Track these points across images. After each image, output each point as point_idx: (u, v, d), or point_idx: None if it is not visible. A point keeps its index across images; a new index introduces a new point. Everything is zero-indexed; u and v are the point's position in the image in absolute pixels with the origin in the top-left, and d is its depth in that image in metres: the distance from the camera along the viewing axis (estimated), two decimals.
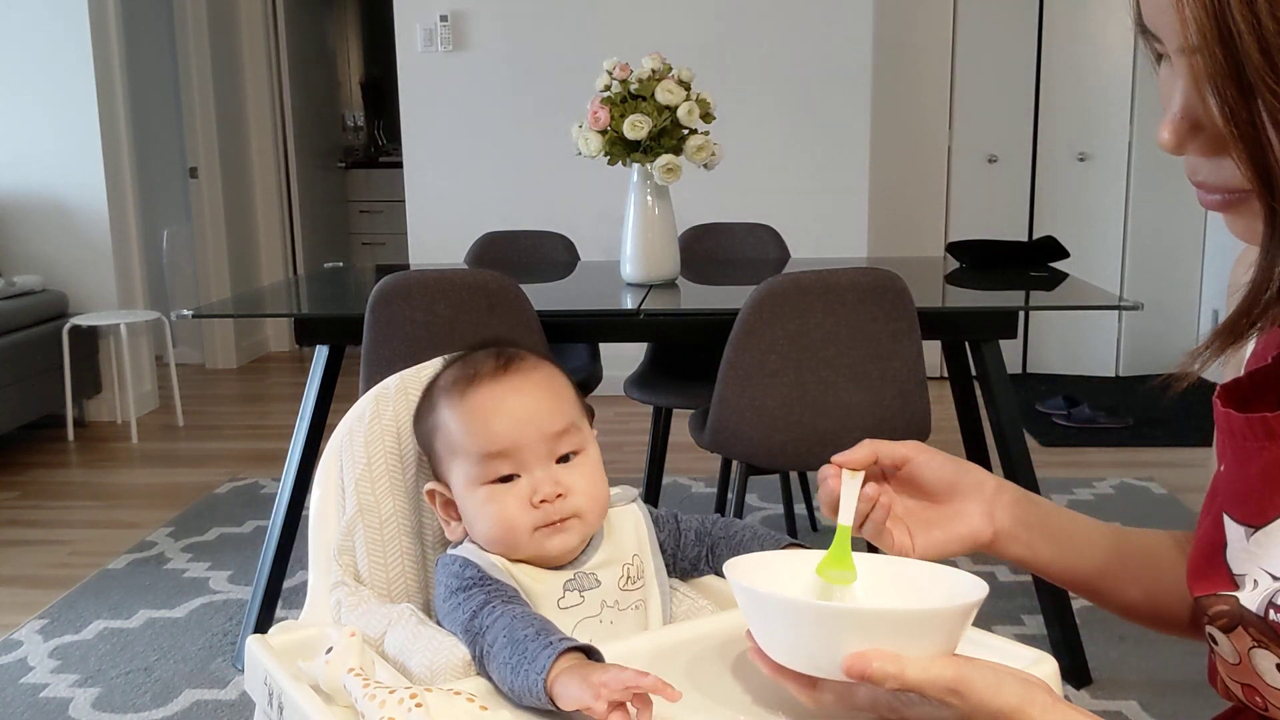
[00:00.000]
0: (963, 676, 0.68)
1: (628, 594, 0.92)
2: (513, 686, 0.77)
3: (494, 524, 0.90)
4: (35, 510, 3.67)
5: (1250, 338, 0.65)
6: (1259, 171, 0.60)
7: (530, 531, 0.89)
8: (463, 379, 0.93)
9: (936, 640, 0.70)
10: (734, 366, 2.20)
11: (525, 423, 0.90)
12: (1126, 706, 2.25)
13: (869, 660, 0.68)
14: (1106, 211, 5.09)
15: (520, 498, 0.89)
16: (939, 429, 2.40)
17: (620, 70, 2.59)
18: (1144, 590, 0.87)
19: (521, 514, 0.89)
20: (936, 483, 0.87)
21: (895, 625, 0.69)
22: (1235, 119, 0.59)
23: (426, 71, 4.80)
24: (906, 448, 0.88)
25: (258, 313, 4.77)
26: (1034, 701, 0.68)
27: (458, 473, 0.92)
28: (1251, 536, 0.70)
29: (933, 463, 0.87)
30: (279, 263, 6.29)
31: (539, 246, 3.41)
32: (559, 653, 0.75)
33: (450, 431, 0.93)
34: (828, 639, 0.69)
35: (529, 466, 0.90)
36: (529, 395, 0.92)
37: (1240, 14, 0.57)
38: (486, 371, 0.93)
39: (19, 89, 4.56)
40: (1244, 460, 0.70)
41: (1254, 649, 0.69)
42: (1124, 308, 2.34)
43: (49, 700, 2.37)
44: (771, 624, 0.73)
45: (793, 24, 4.69)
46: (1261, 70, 0.57)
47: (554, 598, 0.89)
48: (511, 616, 0.82)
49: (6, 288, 4.29)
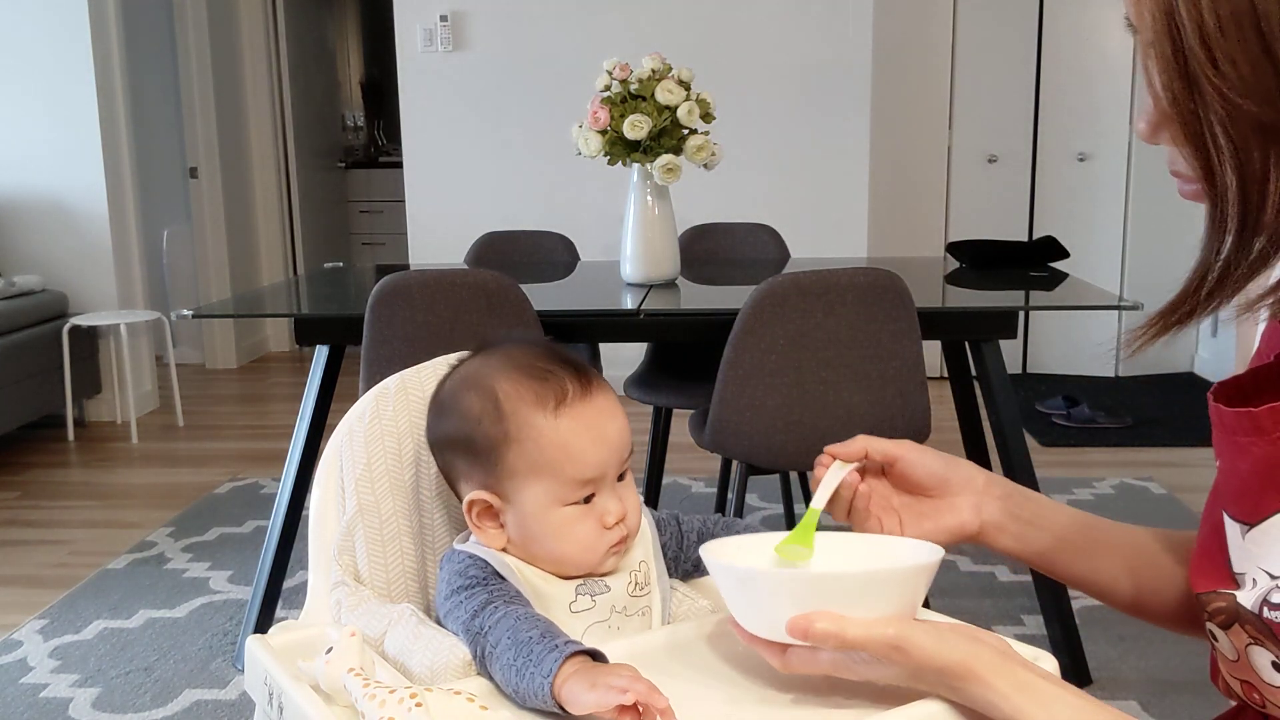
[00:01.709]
0: (903, 634, 0.70)
1: (635, 600, 0.92)
2: (517, 688, 0.77)
3: (572, 544, 0.89)
4: (35, 510, 3.67)
5: (1193, 324, 0.67)
6: (1202, 162, 0.63)
7: (604, 552, 0.89)
8: (550, 394, 0.89)
9: (884, 601, 0.72)
10: (734, 366, 2.20)
11: (616, 449, 0.90)
12: (1126, 706, 2.25)
13: (811, 621, 0.71)
14: (1106, 211, 5.09)
15: (596, 519, 0.89)
16: (939, 429, 2.40)
17: (620, 70, 2.59)
18: (1134, 582, 0.89)
19: (599, 536, 0.89)
20: (927, 478, 0.91)
21: (841, 587, 0.73)
22: (1180, 110, 0.62)
23: (426, 71, 4.80)
24: (898, 446, 0.91)
25: (258, 313, 4.77)
26: (979, 657, 0.69)
27: (537, 489, 0.89)
28: (1247, 534, 0.70)
29: (923, 459, 0.91)
30: (279, 263, 6.29)
31: (539, 246, 3.41)
32: (566, 656, 0.75)
33: (543, 448, 0.88)
34: (782, 604, 0.73)
35: (603, 488, 0.90)
36: (617, 419, 0.91)
37: (1186, 9, 0.60)
38: (575, 390, 0.90)
39: (19, 89, 4.56)
40: (1236, 456, 0.71)
41: (1251, 646, 0.69)
42: (1124, 308, 2.34)
43: (49, 700, 2.37)
44: (740, 594, 0.77)
45: (793, 24, 4.69)
46: (1203, 64, 0.60)
47: (566, 601, 0.89)
48: (515, 618, 0.81)
49: (6, 288, 4.29)
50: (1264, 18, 0.58)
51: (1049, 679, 0.69)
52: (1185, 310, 0.66)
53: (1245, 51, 0.59)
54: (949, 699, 0.71)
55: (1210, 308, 0.66)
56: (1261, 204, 0.62)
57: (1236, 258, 0.64)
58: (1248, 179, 0.62)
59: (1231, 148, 0.61)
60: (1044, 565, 0.92)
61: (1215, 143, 0.62)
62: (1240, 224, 0.63)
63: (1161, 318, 0.68)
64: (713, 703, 0.77)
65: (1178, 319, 0.67)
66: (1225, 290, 0.65)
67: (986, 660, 0.69)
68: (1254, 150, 0.61)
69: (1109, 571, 0.90)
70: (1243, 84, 0.59)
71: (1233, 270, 0.64)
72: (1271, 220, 0.62)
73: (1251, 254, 0.63)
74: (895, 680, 0.72)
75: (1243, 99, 0.60)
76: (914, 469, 0.91)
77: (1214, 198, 0.63)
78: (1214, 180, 0.63)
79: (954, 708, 0.71)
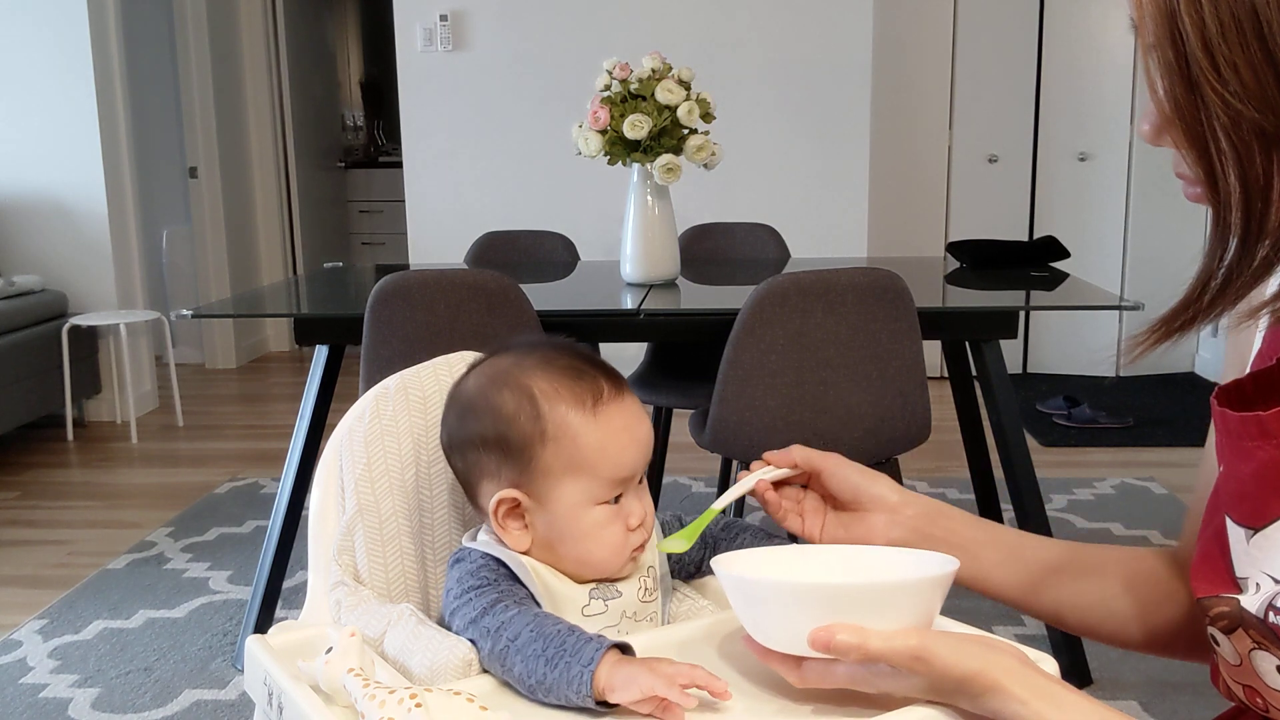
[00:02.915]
0: (925, 644, 0.70)
1: (645, 605, 0.92)
2: (544, 678, 0.77)
3: (599, 545, 0.89)
4: (35, 510, 3.67)
5: (1195, 331, 0.67)
6: (1205, 168, 0.63)
7: (628, 555, 0.90)
8: (587, 393, 0.89)
9: (903, 613, 0.72)
10: (734, 366, 2.20)
11: (645, 451, 0.92)
12: (1127, 706, 2.25)
13: (833, 633, 0.71)
14: (1106, 211, 5.09)
15: (623, 521, 0.90)
16: (939, 429, 2.40)
17: (620, 70, 2.58)
18: (1037, 594, 0.92)
19: (625, 538, 0.90)
20: (841, 493, 0.95)
21: (861, 598, 0.72)
22: (1182, 115, 0.62)
23: (426, 71, 4.80)
24: (825, 459, 0.95)
25: (257, 313, 4.77)
26: (998, 665, 0.69)
27: (572, 488, 0.88)
28: (1251, 539, 0.70)
29: (842, 473, 0.94)
30: (279, 263, 6.29)
31: (539, 246, 3.41)
32: (607, 647, 0.76)
33: (581, 447, 0.88)
34: (801, 616, 0.72)
35: (629, 490, 0.91)
36: (645, 421, 0.93)
37: (1188, 14, 0.60)
38: (609, 389, 0.91)
39: (19, 89, 4.56)
40: (1241, 460, 0.70)
41: (1254, 651, 0.69)
42: (1124, 308, 2.34)
43: (48, 700, 2.37)
44: (753, 607, 0.76)
45: (793, 24, 4.69)
46: (1206, 70, 0.60)
47: (579, 604, 0.89)
48: (533, 614, 0.82)
49: (6, 288, 4.29)
50: (1266, 24, 0.58)
51: (1068, 686, 0.69)
52: (1188, 317, 0.66)
53: (1247, 57, 0.59)
54: (963, 710, 0.71)
55: (1213, 315, 0.65)
56: (1265, 210, 0.62)
57: (1240, 264, 0.63)
58: (1251, 185, 0.61)
59: (1234, 154, 0.61)
60: (978, 587, 0.94)
61: (1218, 148, 0.61)
62: (1244, 230, 0.62)
63: (1163, 324, 0.67)
64: (732, 713, 0.76)
65: (1180, 325, 0.66)
66: (1228, 297, 0.64)
67: (1006, 668, 0.69)
68: (1257, 156, 0.61)
69: (1005, 579, 0.93)
70: (1245, 90, 0.59)
71: (1236, 277, 0.64)
72: (1275, 226, 0.62)
73: (1255, 261, 0.63)
74: (912, 692, 0.72)
75: (1245, 105, 0.59)
76: (832, 481, 0.94)
77: (1217, 203, 0.63)
78: (1217, 186, 0.62)
79: (952, 712, 0.71)
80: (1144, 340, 0.69)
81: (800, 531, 0.95)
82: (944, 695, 0.71)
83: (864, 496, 0.94)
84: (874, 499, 0.93)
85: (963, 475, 3.38)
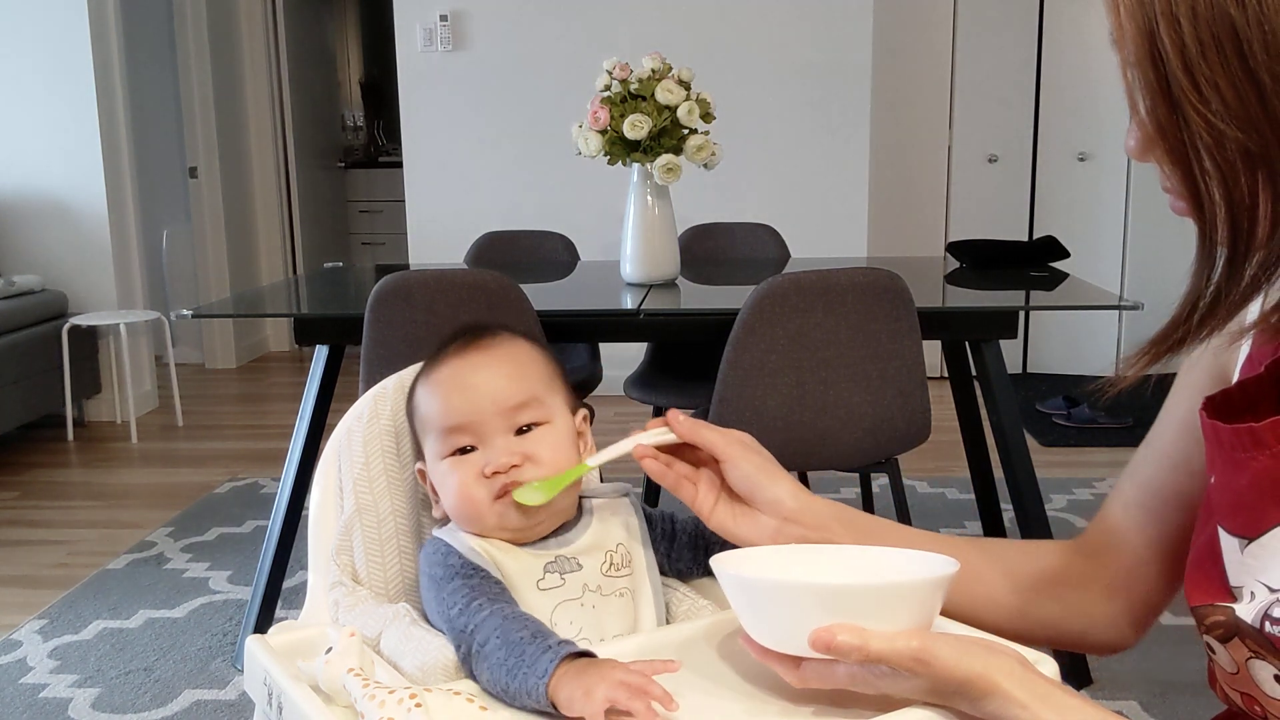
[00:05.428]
0: (926, 646, 0.69)
1: (611, 580, 0.91)
2: (507, 688, 0.77)
3: (454, 495, 0.92)
4: (35, 510, 3.67)
5: (1186, 351, 0.66)
6: (1190, 187, 0.62)
7: (490, 503, 0.91)
8: (431, 358, 0.98)
9: (904, 614, 0.72)
10: (734, 366, 2.20)
11: (482, 396, 0.93)
12: (1127, 706, 2.25)
13: (834, 633, 0.70)
14: (1106, 211, 5.09)
15: (475, 469, 0.91)
16: (939, 429, 2.41)
17: (620, 70, 2.58)
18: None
19: (476, 485, 0.91)
20: (736, 486, 0.91)
21: (862, 599, 0.72)
22: (1165, 135, 0.62)
23: (426, 71, 4.80)
24: (727, 447, 0.91)
25: (257, 313, 4.77)
26: (1000, 668, 0.69)
27: (428, 448, 0.95)
28: (1246, 549, 0.69)
29: (741, 467, 0.90)
30: (279, 263, 6.29)
31: (539, 246, 3.41)
32: (561, 659, 0.75)
33: (418, 408, 0.97)
34: (801, 616, 0.72)
35: (486, 439, 0.92)
36: (488, 370, 0.94)
37: (1168, 34, 0.59)
38: (452, 349, 0.96)
39: (19, 89, 4.56)
40: (1234, 471, 0.70)
41: (1251, 659, 0.68)
42: (1124, 308, 2.34)
43: (48, 700, 2.37)
44: (753, 607, 0.76)
45: (793, 24, 4.69)
46: (1187, 90, 0.59)
47: (533, 579, 0.89)
48: (502, 617, 0.81)
49: (6, 288, 4.29)
50: (1246, 42, 0.57)
51: (1068, 690, 0.69)
52: (1177, 338, 0.65)
53: (1229, 77, 0.58)
54: (963, 712, 0.70)
55: (1203, 335, 0.64)
56: (1251, 229, 0.61)
57: (1229, 283, 0.62)
58: (1236, 203, 0.60)
59: (1219, 173, 0.60)
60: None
61: (1201, 167, 0.60)
62: (1230, 249, 0.61)
63: (1153, 345, 0.67)
64: (732, 715, 0.76)
65: (1169, 346, 0.66)
66: (1218, 316, 0.64)
67: (1007, 671, 0.68)
68: (1241, 175, 0.60)
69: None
70: (1227, 110, 0.58)
71: (1225, 296, 0.63)
72: (1262, 245, 0.61)
73: (1244, 280, 0.62)
74: (912, 694, 0.72)
75: (1227, 125, 0.58)
76: (730, 471, 0.91)
77: (1203, 221, 0.62)
78: (1202, 204, 0.61)
79: (951, 714, 0.71)
80: (1135, 362, 0.68)
81: (691, 503, 0.92)
82: (944, 697, 0.71)
83: (759, 497, 0.90)
84: (768, 502, 0.90)
85: (963, 475, 3.38)
